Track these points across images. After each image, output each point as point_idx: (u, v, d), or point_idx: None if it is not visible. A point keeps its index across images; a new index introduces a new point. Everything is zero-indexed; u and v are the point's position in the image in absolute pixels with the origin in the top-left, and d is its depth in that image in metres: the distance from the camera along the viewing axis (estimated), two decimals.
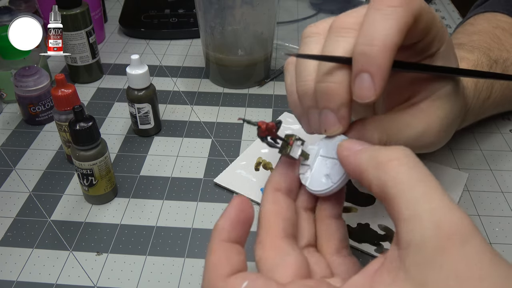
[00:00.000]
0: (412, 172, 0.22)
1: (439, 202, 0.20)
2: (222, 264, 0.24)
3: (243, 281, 0.23)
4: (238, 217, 0.26)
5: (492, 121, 0.55)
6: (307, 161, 0.30)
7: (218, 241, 0.25)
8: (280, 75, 0.65)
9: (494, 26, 0.50)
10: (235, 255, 0.25)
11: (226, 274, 0.24)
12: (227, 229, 0.25)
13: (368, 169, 0.23)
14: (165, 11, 0.77)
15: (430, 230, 0.20)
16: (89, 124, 0.40)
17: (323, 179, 0.28)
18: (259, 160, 0.49)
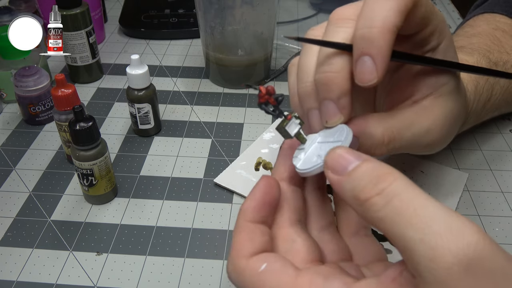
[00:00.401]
0: (397, 202, 0.20)
1: (428, 230, 0.19)
2: (245, 245, 0.25)
3: (263, 263, 0.24)
4: (263, 198, 0.26)
5: (492, 121, 0.55)
6: (303, 145, 0.29)
7: (243, 221, 0.26)
8: (280, 75, 0.65)
9: (494, 28, 0.50)
10: (259, 236, 0.25)
11: (248, 255, 0.24)
12: (252, 210, 0.26)
13: (353, 206, 0.22)
14: (165, 11, 0.77)
15: (425, 263, 0.19)
16: (89, 124, 0.40)
17: (314, 158, 0.27)
18: (259, 160, 0.49)
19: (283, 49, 0.71)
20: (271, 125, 0.55)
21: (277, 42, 0.72)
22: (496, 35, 0.49)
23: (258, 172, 0.47)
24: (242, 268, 0.24)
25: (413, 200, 0.20)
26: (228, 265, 0.25)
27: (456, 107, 0.32)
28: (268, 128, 0.54)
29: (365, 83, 0.26)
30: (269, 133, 0.53)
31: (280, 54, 0.70)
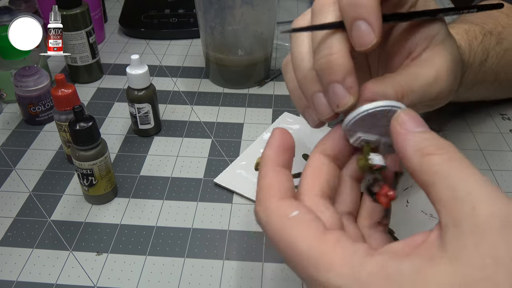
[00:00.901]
0: (453, 162, 0.22)
1: (478, 186, 0.21)
2: (275, 187, 0.25)
3: (295, 210, 0.24)
4: (283, 143, 0.27)
5: (492, 121, 0.55)
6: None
7: (267, 167, 0.26)
8: (280, 75, 0.65)
9: None
10: (285, 180, 0.26)
11: (279, 197, 0.25)
12: (274, 155, 0.27)
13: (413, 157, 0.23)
14: (165, 11, 0.77)
15: (467, 210, 0.20)
16: (89, 124, 0.40)
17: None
18: (259, 160, 0.49)
19: (283, 49, 0.71)
20: (271, 125, 0.55)
21: (277, 42, 0.72)
22: (491, 14, 0.49)
23: (258, 172, 0.47)
24: (272, 209, 0.24)
25: (470, 167, 0.22)
26: (256, 205, 0.25)
27: (453, 52, 0.32)
28: (268, 128, 0.54)
29: (366, 45, 0.26)
30: (269, 133, 0.52)
31: (280, 54, 0.70)
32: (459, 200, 0.21)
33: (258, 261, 0.39)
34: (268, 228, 0.24)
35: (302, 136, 0.36)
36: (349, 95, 0.26)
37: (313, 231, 0.23)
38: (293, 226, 0.23)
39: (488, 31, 0.45)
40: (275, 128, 0.28)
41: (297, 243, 0.23)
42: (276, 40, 0.71)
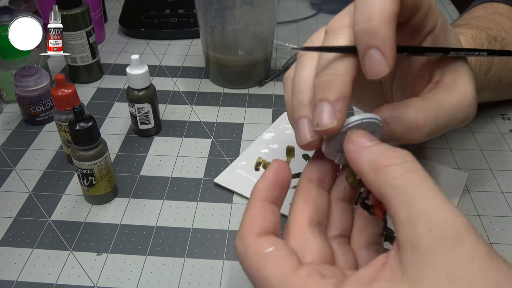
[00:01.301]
0: (409, 176, 0.22)
1: (433, 203, 0.21)
2: (257, 222, 0.25)
3: (270, 246, 0.24)
4: (276, 179, 0.27)
5: (492, 121, 0.55)
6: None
7: (256, 200, 0.27)
8: (280, 75, 0.65)
9: (491, 12, 0.51)
10: (270, 215, 0.26)
11: (258, 233, 0.25)
12: (265, 189, 0.27)
13: (368, 172, 0.24)
14: (165, 11, 0.77)
15: (423, 232, 0.21)
16: (89, 124, 0.40)
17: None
18: (259, 160, 0.49)
19: (283, 49, 0.71)
20: (271, 125, 0.55)
21: (277, 42, 0.72)
22: (493, 17, 0.49)
23: (258, 172, 0.47)
24: (249, 243, 0.25)
25: (426, 179, 0.22)
26: (236, 238, 0.26)
27: (472, 74, 0.32)
28: (268, 128, 0.54)
29: (377, 75, 0.25)
30: (269, 133, 0.53)
31: (280, 54, 0.70)
32: (415, 219, 0.21)
33: None
34: (244, 262, 0.25)
35: None
36: (333, 118, 0.26)
37: (286, 267, 0.23)
38: (267, 261, 0.24)
39: (493, 37, 0.45)
40: (275, 160, 0.28)
41: (270, 277, 0.23)
42: (276, 40, 0.71)
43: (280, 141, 0.51)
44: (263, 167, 0.48)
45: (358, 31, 0.26)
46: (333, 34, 0.28)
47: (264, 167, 0.48)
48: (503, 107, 0.57)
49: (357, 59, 0.26)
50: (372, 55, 0.25)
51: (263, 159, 0.49)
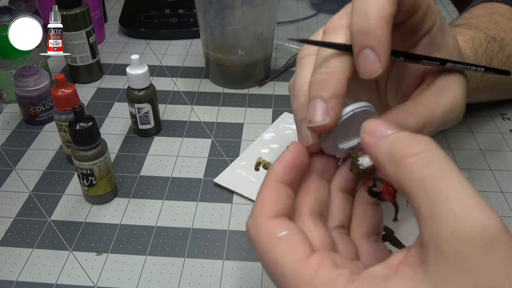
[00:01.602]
0: (430, 169, 0.21)
1: (457, 201, 0.19)
2: (271, 204, 0.25)
3: (284, 230, 0.24)
4: (293, 161, 0.26)
5: (492, 121, 0.55)
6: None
7: (271, 180, 0.26)
8: (280, 75, 0.65)
9: (491, 12, 0.51)
10: (285, 198, 0.26)
11: (271, 215, 0.25)
12: (282, 170, 0.26)
13: (385, 164, 0.23)
14: (165, 11, 0.77)
15: (446, 234, 0.19)
16: (89, 124, 0.40)
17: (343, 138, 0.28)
18: (259, 160, 0.49)
19: (283, 49, 0.71)
20: (271, 125, 0.55)
21: (277, 42, 0.72)
22: (493, 17, 0.49)
23: (258, 172, 0.47)
24: (262, 225, 0.24)
25: (449, 170, 0.20)
26: (249, 219, 0.25)
27: (464, 79, 0.32)
28: (268, 128, 0.54)
29: (370, 75, 0.25)
30: (269, 133, 0.53)
31: (280, 54, 0.70)
32: (438, 219, 0.20)
33: (258, 261, 0.39)
34: (256, 244, 0.25)
35: None
36: (326, 115, 0.26)
37: (298, 253, 0.23)
38: (280, 245, 0.24)
39: (492, 38, 0.45)
40: (294, 142, 0.27)
41: (282, 262, 0.23)
42: (276, 40, 0.71)
43: (280, 141, 0.51)
44: (263, 167, 0.48)
45: (354, 30, 0.26)
46: (330, 34, 0.28)
47: (264, 167, 0.48)
48: (503, 107, 0.57)
49: (353, 58, 0.26)
50: (366, 55, 0.25)
51: (263, 159, 0.49)
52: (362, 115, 0.27)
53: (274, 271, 0.23)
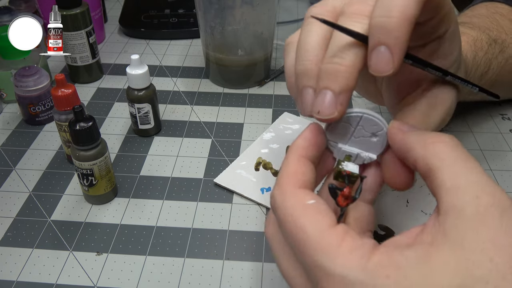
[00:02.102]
0: (456, 152, 0.24)
1: (479, 177, 0.22)
2: (297, 175, 0.26)
3: (312, 199, 0.25)
4: (315, 139, 0.28)
5: (492, 121, 0.55)
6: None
7: (296, 155, 0.27)
8: (280, 75, 0.65)
9: (493, 12, 0.51)
10: (310, 172, 0.27)
11: (298, 185, 0.26)
12: (305, 147, 0.27)
13: (416, 147, 0.25)
14: (165, 11, 0.77)
15: (470, 198, 0.22)
16: (89, 124, 0.40)
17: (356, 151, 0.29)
18: (259, 160, 0.49)
19: (283, 49, 0.71)
20: (271, 125, 0.55)
21: (277, 42, 0.72)
22: (495, 18, 0.49)
23: (258, 172, 0.47)
24: (289, 193, 0.25)
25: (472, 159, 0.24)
26: (275, 188, 0.26)
27: (456, 89, 0.33)
28: (268, 128, 0.54)
29: (380, 73, 0.25)
30: (269, 133, 0.53)
31: (280, 54, 0.70)
32: (462, 188, 0.22)
33: (258, 261, 0.39)
34: (281, 211, 0.25)
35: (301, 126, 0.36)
36: (334, 109, 0.26)
37: (325, 220, 0.24)
38: (307, 212, 0.24)
39: (494, 40, 0.45)
40: (312, 123, 0.28)
41: (309, 227, 0.24)
42: (276, 40, 0.71)
43: (280, 141, 0.51)
44: (263, 167, 0.48)
45: (374, 24, 0.25)
46: (349, 18, 0.27)
47: (264, 167, 0.48)
48: (503, 107, 0.57)
49: (366, 50, 0.26)
50: (381, 52, 0.25)
51: (263, 159, 0.49)
52: (369, 123, 0.28)
53: (299, 237, 0.24)
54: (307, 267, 0.24)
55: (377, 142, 0.28)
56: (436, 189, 0.23)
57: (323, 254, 0.23)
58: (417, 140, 0.25)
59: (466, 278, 0.20)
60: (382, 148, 0.28)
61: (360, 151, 0.29)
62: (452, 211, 0.22)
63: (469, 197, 0.22)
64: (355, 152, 0.29)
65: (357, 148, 0.29)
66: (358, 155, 0.29)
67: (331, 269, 0.22)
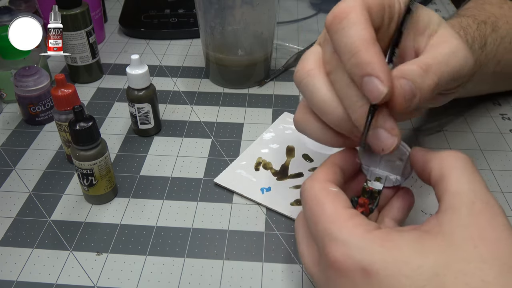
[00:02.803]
0: (466, 165, 0.27)
1: (479, 187, 0.26)
2: (329, 174, 0.31)
3: (335, 188, 0.30)
4: (350, 158, 0.33)
5: (492, 121, 0.55)
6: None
7: (331, 163, 0.32)
8: (280, 75, 0.65)
9: (481, 3, 0.51)
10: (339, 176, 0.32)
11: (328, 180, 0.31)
12: (341, 159, 0.33)
13: (433, 159, 0.29)
14: (165, 11, 0.77)
15: (467, 202, 0.25)
16: (89, 124, 0.40)
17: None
18: (259, 160, 0.49)
19: (283, 49, 0.71)
20: (271, 125, 0.55)
21: (277, 42, 0.72)
22: (483, 7, 0.50)
23: (258, 172, 0.47)
24: (319, 181, 0.30)
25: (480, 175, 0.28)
26: (307, 179, 0.31)
27: (458, 35, 0.33)
28: (268, 128, 0.54)
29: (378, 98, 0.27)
30: (269, 133, 0.53)
31: (280, 54, 0.70)
32: (463, 194, 0.26)
33: (258, 261, 0.39)
34: (308, 193, 0.30)
35: (302, 137, 0.36)
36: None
37: (342, 203, 0.29)
38: (329, 195, 0.29)
39: (482, 21, 0.46)
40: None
41: (327, 205, 0.28)
42: (276, 40, 0.71)
43: (280, 141, 0.51)
44: (263, 167, 0.48)
45: (348, 68, 0.28)
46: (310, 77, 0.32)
47: (264, 167, 0.48)
48: (503, 107, 0.57)
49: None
50: (367, 83, 0.27)
51: (263, 159, 0.49)
52: (399, 151, 0.32)
53: (317, 211, 0.29)
54: (318, 238, 0.28)
55: (402, 165, 0.32)
56: (441, 192, 0.27)
57: (333, 224, 0.27)
58: (435, 154, 0.29)
59: (451, 257, 0.24)
60: (406, 169, 0.33)
61: (388, 174, 0.33)
62: (450, 210, 0.26)
63: (466, 201, 0.25)
64: (384, 174, 0.33)
65: (386, 171, 0.33)
66: (387, 177, 0.33)
67: (337, 235, 0.27)
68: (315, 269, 0.30)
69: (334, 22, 0.29)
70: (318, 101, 0.31)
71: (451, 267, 0.23)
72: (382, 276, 0.24)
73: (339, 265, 0.26)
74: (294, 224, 0.33)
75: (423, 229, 0.26)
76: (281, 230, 0.42)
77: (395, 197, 0.34)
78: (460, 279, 0.23)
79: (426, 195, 0.43)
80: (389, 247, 0.25)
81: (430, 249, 0.24)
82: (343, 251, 0.26)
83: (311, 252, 0.30)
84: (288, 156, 0.50)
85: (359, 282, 0.25)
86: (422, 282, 0.23)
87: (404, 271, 0.24)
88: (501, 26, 0.47)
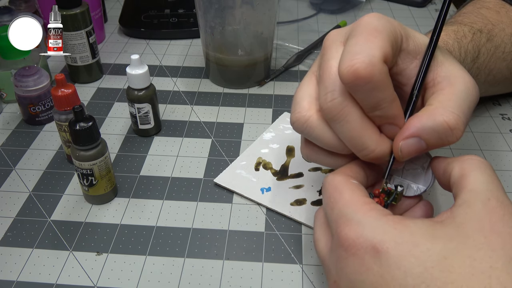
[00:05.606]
0: (485, 168, 0.29)
1: (495, 188, 0.27)
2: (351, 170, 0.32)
3: (355, 180, 0.31)
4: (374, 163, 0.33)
5: (492, 121, 0.55)
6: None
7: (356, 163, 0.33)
8: (280, 75, 0.65)
9: (479, 7, 0.51)
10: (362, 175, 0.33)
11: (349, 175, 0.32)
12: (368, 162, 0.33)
13: (454, 161, 0.30)
14: (165, 11, 0.77)
15: (482, 199, 0.26)
16: (89, 124, 0.40)
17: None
18: (259, 160, 0.49)
19: (283, 49, 0.71)
20: (271, 125, 0.55)
21: (277, 42, 0.72)
22: (480, 12, 0.50)
23: (258, 172, 0.47)
24: (340, 174, 0.31)
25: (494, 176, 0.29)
26: (331, 173, 0.32)
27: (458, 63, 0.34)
28: (268, 128, 0.54)
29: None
30: (269, 133, 0.53)
31: (280, 54, 0.70)
32: (479, 192, 0.27)
33: (258, 261, 0.39)
34: (330, 183, 0.31)
35: None
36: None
37: (359, 193, 0.30)
38: (348, 185, 0.30)
39: (478, 30, 0.46)
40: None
41: (345, 192, 0.30)
42: (276, 40, 0.71)
43: (280, 141, 0.51)
44: (263, 167, 0.48)
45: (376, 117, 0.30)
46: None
47: (264, 167, 0.48)
48: (503, 107, 0.57)
49: None
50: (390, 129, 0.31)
51: (263, 159, 0.49)
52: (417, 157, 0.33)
53: (335, 196, 0.30)
54: (332, 222, 0.29)
55: (424, 173, 0.33)
56: (459, 189, 0.28)
57: (349, 207, 0.29)
58: (457, 158, 0.30)
59: (461, 244, 0.25)
60: (428, 176, 0.33)
61: (410, 182, 0.34)
62: (465, 204, 0.27)
63: (482, 198, 0.26)
64: (405, 183, 0.34)
65: (409, 179, 0.34)
66: (408, 185, 0.34)
67: (352, 216, 0.28)
68: (326, 251, 0.31)
69: (358, 83, 0.29)
70: (325, 145, 0.33)
71: (461, 252, 0.24)
72: (391, 255, 0.25)
73: (350, 242, 0.27)
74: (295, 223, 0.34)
75: (436, 220, 0.27)
76: (281, 230, 0.42)
77: (415, 208, 0.34)
78: (468, 263, 0.24)
79: (426, 195, 0.43)
80: (401, 229, 0.26)
81: (441, 235, 0.25)
82: (355, 229, 0.27)
83: (326, 238, 0.31)
84: (288, 156, 0.50)
85: (368, 261, 0.26)
86: (430, 263, 0.24)
87: (414, 252, 0.25)
88: (496, 34, 0.47)
